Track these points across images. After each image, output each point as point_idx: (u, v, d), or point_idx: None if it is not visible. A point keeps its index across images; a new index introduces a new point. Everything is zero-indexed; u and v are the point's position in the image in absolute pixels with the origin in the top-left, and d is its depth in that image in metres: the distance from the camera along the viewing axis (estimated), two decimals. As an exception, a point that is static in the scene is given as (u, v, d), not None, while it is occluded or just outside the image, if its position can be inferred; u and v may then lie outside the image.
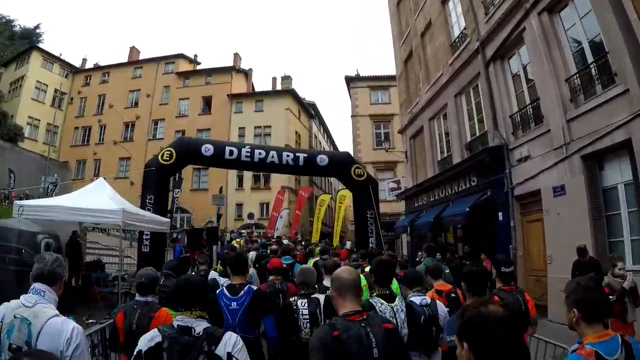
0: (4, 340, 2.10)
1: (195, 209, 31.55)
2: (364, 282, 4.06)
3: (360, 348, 2.02)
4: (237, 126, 32.72)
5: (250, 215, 28.54)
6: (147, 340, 2.13)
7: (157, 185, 11.89)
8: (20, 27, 46.11)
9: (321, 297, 3.58)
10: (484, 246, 11.42)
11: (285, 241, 13.49)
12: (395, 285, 4.42)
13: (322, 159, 12.80)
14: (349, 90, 32.62)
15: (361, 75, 32.27)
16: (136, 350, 2.12)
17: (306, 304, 3.46)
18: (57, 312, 2.22)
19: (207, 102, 34.31)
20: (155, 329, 2.21)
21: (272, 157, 12.55)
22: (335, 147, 53.09)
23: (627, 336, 2.02)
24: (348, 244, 15.21)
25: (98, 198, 8.52)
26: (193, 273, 5.36)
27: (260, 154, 12.53)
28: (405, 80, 19.41)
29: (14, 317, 2.14)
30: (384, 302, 2.96)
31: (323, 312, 3.41)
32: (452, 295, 4.37)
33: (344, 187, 21.76)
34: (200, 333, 2.14)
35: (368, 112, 30.62)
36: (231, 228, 29.13)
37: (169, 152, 12.13)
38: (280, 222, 26.48)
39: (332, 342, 2.00)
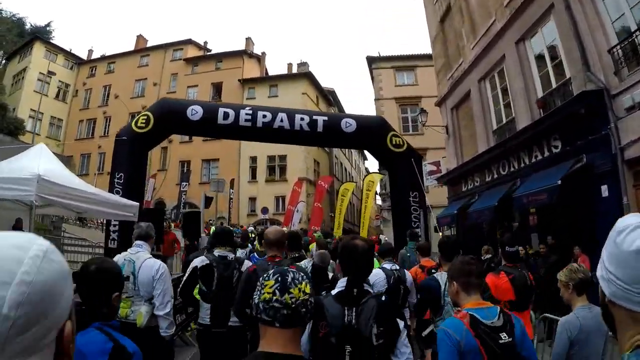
0: None
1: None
2: None
3: None
4: (250, 114, 29.86)
5: (264, 210, 25.70)
6: (200, 260, 3.94)
7: (129, 160, 9.04)
8: (31, 25, 44.85)
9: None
10: (576, 236, 8.26)
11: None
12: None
13: (348, 124, 9.66)
14: (371, 73, 29.61)
15: (384, 55, 29.13)
16: (191, 266, 3.93)
17: None
18: (150, 255, 3.84)
19: (218, 88, 31.67)
20: (203, 256, 4.07)
21: (281, 121, 9.47)
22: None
23: (507, 310, 2.33)
24: (384, 238, 12.18)
25: (19, 166, 5.66)
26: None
27: (264, 116, 9.48)
28: (442, 43, 16.27)
29: (124, 259, 3.72)
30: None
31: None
32: (432, 270, 4.63)
33: (369, 174, 18.85)
34: (232, 258, 4.04)
35: (393, 94, 27.54)
36: (243, 224, 26.39)
37: (144, 117, 9.28)
38: (297, 216, 23.49)
39: None
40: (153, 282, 3.61)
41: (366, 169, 50.44)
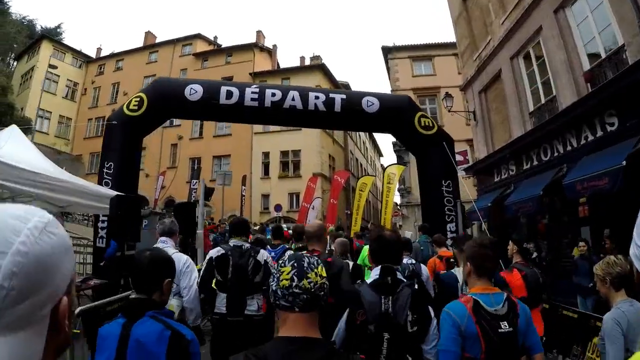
0: None
1: (215, 201, 27.86)
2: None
3: None
4: (262, 108, 28.85)
5: (278, 207, 24.57)
6: (216, 251, 4.07)
7: (120, 147, 8.01)
8: (42, 27, 44.59)
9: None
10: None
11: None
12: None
13: (370, 102, 8.47)
14: (386, 63, 28.38)
15: (400, 44, 27.87)
16: (207, 257, 4.10)
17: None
18: (176, 250, 3.80)
19: (228, 83, 30.61)
20: (218, 247, 4.20)
21: (293, 99, 8.35)
22: (372, 137, 48.70)
23: (514, 297, 2.33)
24: (408, 234, 11.00)
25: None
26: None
27: (273, 95, 8.38)
28: (466, 22, 14.98)
29: None
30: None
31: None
32: (451, 260, 5.15)
33: (390, 166, 17.61)
34: (247, 247, 4.08)
35: (410, 85, 26.19)
36: (255, 221, 25.39)
37: (137, 99, 8.30)
38: (312, 213, 22.36)
39: None
40: (180, 275, 3.61)
41: (382, 165, 49.09)
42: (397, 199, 31.42)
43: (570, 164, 8.77)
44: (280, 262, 1.44)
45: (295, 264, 1.40)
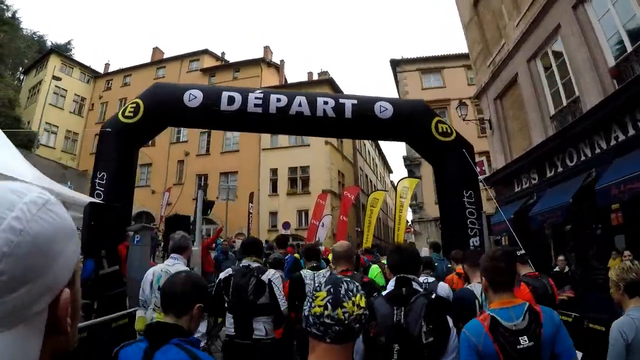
0: (154, 285, 3.65)
1: (223, 219, 27.24)
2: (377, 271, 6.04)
3: None
4: (269, 123, 28.40)
5: (286, 225, 23.88)
6: (224, 272, 3.93)
7: (114, 157, 7.42)
8: (52, 43, 45.08)
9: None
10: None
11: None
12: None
13: (384, 108, 7.79)
14: (395, 76, 27.91)
15: (408, 57, 27.41)
16: (217, 279, 4.00)
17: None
18: (187, 268, 3.84)
19: (235, 98, 30.29)
20: (230, 268, 4.02)
21: (300, 105, 7.73)
22: (382, 153, 48.06)
23: (539, 306, 2.13)
24: (425, 251, 10.24)
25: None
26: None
27: (279, 100, 7.79)
28: (478, 27, 14.39)
29: (161, 271, 3.72)
30: (310, 271, 4.35)
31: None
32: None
33: (403, 179, 16.85)
34: (254, 267, 3.84)
35: (419, 98, 25.38)
36: (264, 239, 24.68)
37: (133, 105, 7.74)
38: (322, 231, 21.65)
39: None
40: None
41: (391, 182, 48.26)
42: (409, 215, 30.65)
43: (600, 167, 7.99)
44: (317, 285, 1.34)
45: (332, 290, 1.27)
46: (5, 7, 33.93)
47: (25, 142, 29.19)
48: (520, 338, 1.96)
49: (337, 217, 23.42)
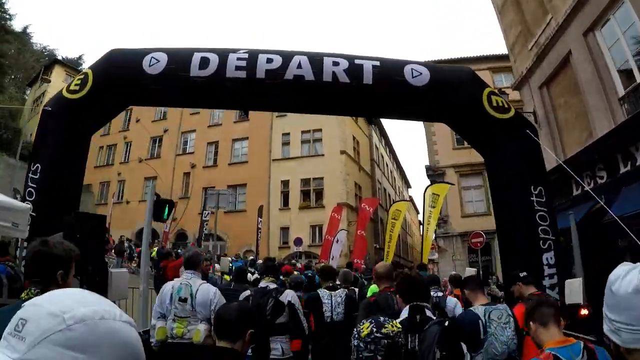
0: (174, 296, 3.80)
1: (230, 234, 25.29)
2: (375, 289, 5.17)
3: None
4: (281, 132, 26.61)
5: (298, 241, 21.75)
6: (243, 294, 4.18)
7: (54, 142, 5.43)
8: (63, 57, 44.31)
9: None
10: None
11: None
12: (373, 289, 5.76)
13: (417, 72, 5.60)
14: (416, 82, 25.87)
15: (428, 60, 25.43)
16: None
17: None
18: (203, 281, 4.05)
19: (245, 107, 28.53)
20: (248, 290, 4.48)
21: (299, 67, 5.52)
22: (400, 167, 45.85)
23: (591, 344, 2.19)
24: (469, 271, 8.04)
25: None
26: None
27: (270, 61, 5.58)
28: (515, 7, 12.33)
29: (180, 284, 3.88)
30: (326, 291, 4.66)
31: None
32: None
33: (432, 185, 14.65)
34: (272, 289, 4.10)
35: None
36: (274, 256, 22.57)
37: (81, 77, 5.73)
38: (337, 248, 19.46)
39: None
40: (211, 304, 3.76)
41: (410, 196, 45.83)
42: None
43: None
44: (359, 323, 1.64)
45: (373, 320, 1.61)
46: (8, 17, 32.95)
47: (26, 155, 27.95)
48: None
49: (354, 233, 21.29)
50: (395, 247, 26.28)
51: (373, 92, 5.69)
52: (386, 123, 38.21)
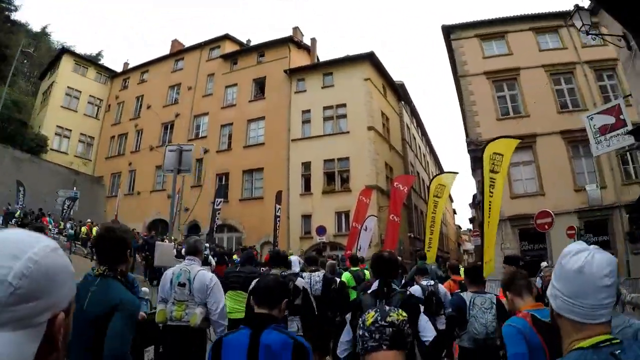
0: (174, 281, 4.00)
1: (246, 225, 22.73)
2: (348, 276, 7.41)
3: None
4: (300, 109, 23.84)
5: (321, 230, 18.94)
6: (255, 281, 4.19)
7: None
8: (84, 54, 43.34)
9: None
10: None
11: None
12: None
13: None
14: (449, 46, 22.74)
15: (464, 22, 22.36)
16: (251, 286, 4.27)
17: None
18: (202, 267, 4.19)
19: (260, 85, 26.03)
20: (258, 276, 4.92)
21: None
22: (433, 151, 42.47)
23: None
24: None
25: None
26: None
27: None
28: None
29: (180, 270, 4.08)
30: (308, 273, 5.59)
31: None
32: (462, 282, 6.30)
33: (499, 139, 11.43)
34: (285, 275, 4.86)
35: (482, 69, 20.67)
36: (297, 248, 19.86)
37: None
38: (367, 236, 16.60)
39: None
40: (207, 290, 3.98)
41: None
42: (465, 213, 25.62)
43: None
44: (365, 313, 1.65)
45: (378, 310, 1.62)
46: (13, 8, 31.74)
47: (33, 147, 26.44)
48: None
49: (386, 219, 18.33)
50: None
51: None
52: (417, 102, 35.04)
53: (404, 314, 1.60)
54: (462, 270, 7.65)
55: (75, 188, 23.96)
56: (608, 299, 1.17)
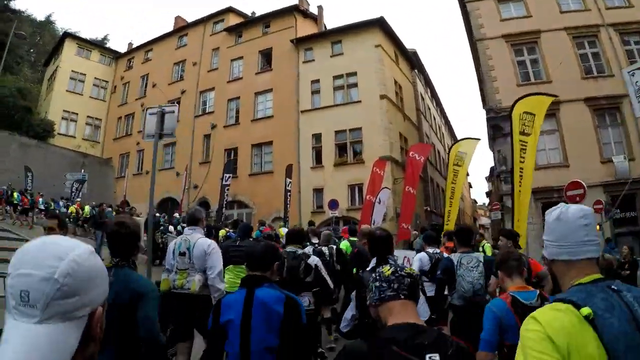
0: (175, 250, 4.30)
1: (255, 201, 22.09)
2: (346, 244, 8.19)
3: None
4: (309, 80, 22.87)
5: (333, 204, 18.07)
6: None
7: None
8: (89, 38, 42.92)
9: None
10: None
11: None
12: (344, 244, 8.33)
13: None
14: (463, 8, 21.51)
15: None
16: None
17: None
18: (202, 235, 4.43)
19: (267, 56, 25.13)
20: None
21: None
22: (448, 123, 41.28)
23: (546, 293, 2.88)
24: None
25: None
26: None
27: None
28: None
29: (181, 239, 4.39)
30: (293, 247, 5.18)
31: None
32: (453, 248, 6.19)
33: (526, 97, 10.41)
34: (301, 253, 4.75)
35: (500, 32, 19.35)
36: (309, 221, 19.15)
37: None
38: (379, 210, 15.69)
39: None
40: (205, 256, 4.17)
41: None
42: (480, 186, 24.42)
43: None
44: (379, 268, 1.71)
45: (392, 264, 1.94)
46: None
47: (39, 132, 26.06)
48: None
49: (402, 191, 17.45)
50: (442, 209, 22.28)
51: None
52: (430, 70, 33.72)
53: (415, 270, 1.79)
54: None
55: (83, 170, 23.49)
56: (588, 236, 1.36)
